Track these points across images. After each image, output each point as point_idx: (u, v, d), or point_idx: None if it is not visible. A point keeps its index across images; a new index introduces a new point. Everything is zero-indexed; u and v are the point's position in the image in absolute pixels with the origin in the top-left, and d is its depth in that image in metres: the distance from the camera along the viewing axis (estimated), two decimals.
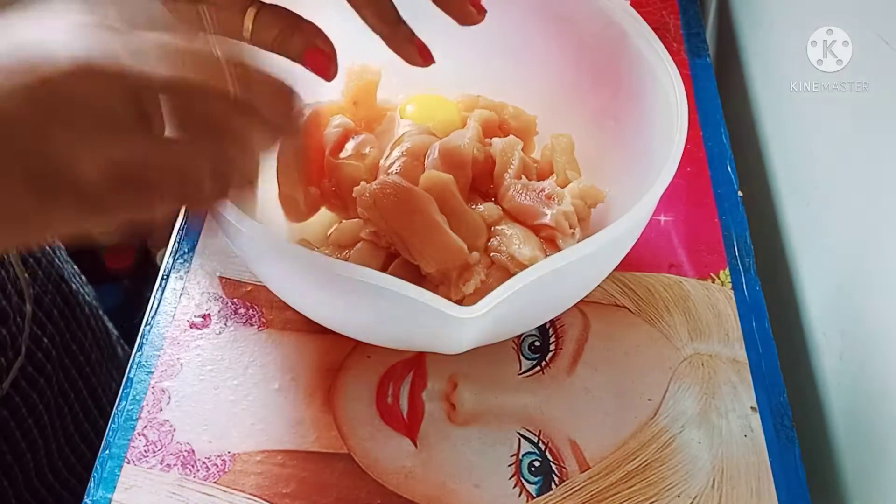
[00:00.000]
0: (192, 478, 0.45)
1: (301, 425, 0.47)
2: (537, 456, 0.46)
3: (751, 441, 0.46)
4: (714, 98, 0.64)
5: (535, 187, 0.47)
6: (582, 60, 0.51)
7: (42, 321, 0.59)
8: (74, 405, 0.62)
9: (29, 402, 0.56)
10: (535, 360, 0.49)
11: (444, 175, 0.45)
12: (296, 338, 0.50)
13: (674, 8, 0.72)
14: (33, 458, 0.57)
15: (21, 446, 0.56)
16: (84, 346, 0.64)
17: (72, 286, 0.65)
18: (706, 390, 0.48)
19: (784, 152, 0.61)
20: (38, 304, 0.58)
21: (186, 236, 0.56)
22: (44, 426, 0.58)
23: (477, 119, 0.50)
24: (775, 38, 0.63)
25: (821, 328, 0.52)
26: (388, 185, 0.44)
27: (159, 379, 0.49)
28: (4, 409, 0.54)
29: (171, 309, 0.52)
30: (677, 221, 0.56)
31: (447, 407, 0.48)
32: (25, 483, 0.57)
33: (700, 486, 0.44)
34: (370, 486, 0.44)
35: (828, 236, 0.52)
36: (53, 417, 0.59)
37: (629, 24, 0.46)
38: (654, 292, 0.53)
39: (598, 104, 0.51)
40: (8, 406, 0.54)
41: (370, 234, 0.45)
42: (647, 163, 0.45)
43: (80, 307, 0.65)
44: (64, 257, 0.66)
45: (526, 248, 0.44)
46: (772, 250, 0.60)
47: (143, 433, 0.46)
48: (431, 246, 0.43)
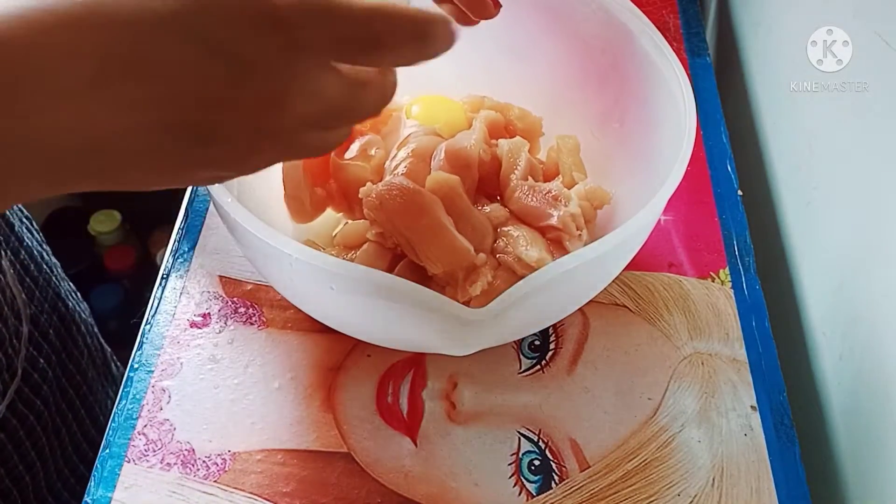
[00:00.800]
0: (192, 477, 0.45)
1: (301, 424, 0.47)
2: (537, 455, 0.46)
3: (751, 440, 0.46)
4: (714, 98, 0.65)
5: (541, 189, 0.47)
6: (588, 61, 0.51)
7: (38, 342, 0.57)
8: (73, 426, 0.61)
9: (26, 424, 0.55)
10: (535, 360, 0.49)
11: (451, 176, 0.45)
12: (296, 337, 0.50)
13: (674, 7, 0.72)
14: (31, 482, 0.56)
15: (19, 469, 0.55)
16: (81, 365, 0.63)
17: (68, 304, 0.63)
18: (706, 389, 0.48)
19: (784, 152, 0.61)
20: (35, 324, 0.57)
21: (186, 236, 0.56)
22: (41, 448, 0.57)
23: (483, 120, 0.50)
24: (775, 38, 0.63)
25: (821, 328, 0.52)
26: (394, 187, 0.44)
27: (159, 378, 0.49)
28: (1, 432, 0.53)
29: (171, 308, 0.52)
30: (677, 221, 0.56)
31: (447, 406, 0.48)
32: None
33: (700, 484, 0.44)
34: (370, 485, 0.44)
35: (828, 236, 0.52)
36: (51, 439, 0.58)
37: (635, 24, 0.46)
38: (654, 291, 0.53)
39: (603, 105, 0.51)
40: (5, 429, 0.53)
41: (376, 234, 0.45)
42: (653, 164, 0.45)
43: (77, 326, 0.64)
44: (60, 275, 0.65)
45: (533, 249, 0.44)
46: (772, 250, 0.60)
47: (144, 432, 0.46)
48: (438, 247, 0.43)
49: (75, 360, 0.62)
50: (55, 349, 0.59)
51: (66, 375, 0.61)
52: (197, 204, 0.58)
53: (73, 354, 0.62)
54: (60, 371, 0.60)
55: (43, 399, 0.56)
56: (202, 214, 0.57)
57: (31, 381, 0.55)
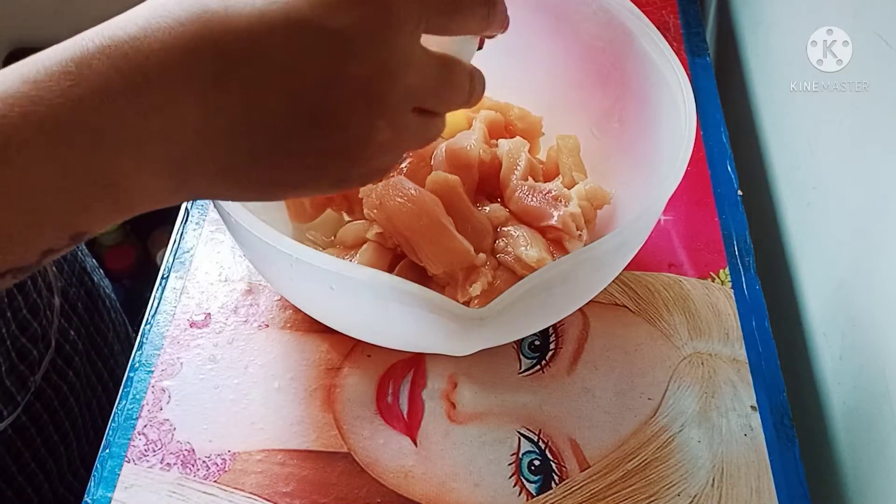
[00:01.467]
0: (192, 477, 0.45)
1: (301, 424, 0.47)
2: (537, 455, 0.46)
3: (751, 440, 0.46)
4: (714, 98, 0.65)
5: (541, 189, 0.47)
6: (587, 61, 0.51)
7: (69, 314, 0.59)
8: (102, 398, 0.63)
9: (60, 394, 0.56)
10: (535, 360, 0.49)
11: (451, 176, 0.45)
12: (296, 337, 0.50)
13: (674, 7, 0.72)
14: (66, 451, 0.58)
15: (54, 439, 0.56)
16: (108, 338, 0.65)
17: (94, 279, 0.65)
18: (706, 389, 0.48)
19: (784, 152, 0.61)
20: (65, 297, 0.59)
21: (186, 235, 0.56)
22: (74, 418, 0.58)
23: (483, 120, 0.50)
24: (775, 38, 0.63)
25: (821, 328, 0.52)
26: (394, 187, 0.44)
27: (159, 378, 0.49)
28: (38, 402, 0.54)
29: (171, 308, 0.52)
30: (677, 221, 0.56)
31: (447, 406, 0.48)
32: (59, 476, 0.58)
33: (700, 484, 0.44)
34: (370, 485, 0.44)
35: (828, 236, 0.52)
36: (83, 409, 0.60)
37: (635, 24, 0.46)
38: (654, 291, 0.53)
39: (603, 105, 0.51)
40: (41, 399, 0.55)
41: (376, 234, 0.45)
42: (652, 164, 0.45)
43: (102, 300, 0.66)
44: (85, 251, 0.67)
45: (533, 249, 0.44)
46: (772, 250, 0.60)
47: (144, 432, 0.46)
48: (437, 248, 0.43)
49: (102, 333, 0.64)
50: (84, 322, 0.61)
51: (95, 348, 0.62)
52: (197, 204, 0.58)
53: (101, 328, 0.64)
54: (89, 344, 0.61)
55: (75, 370, 0.58)
56: (202, 214, 0.57)
57: (63, 352, 0.57)
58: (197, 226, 0.56)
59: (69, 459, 0.58)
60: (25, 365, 0.52)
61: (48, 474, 0.56)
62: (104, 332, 0.64)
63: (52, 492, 0.57)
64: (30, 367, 0.52)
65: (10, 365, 0.50)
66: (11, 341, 0.50)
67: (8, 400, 0.51)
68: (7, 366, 0.50)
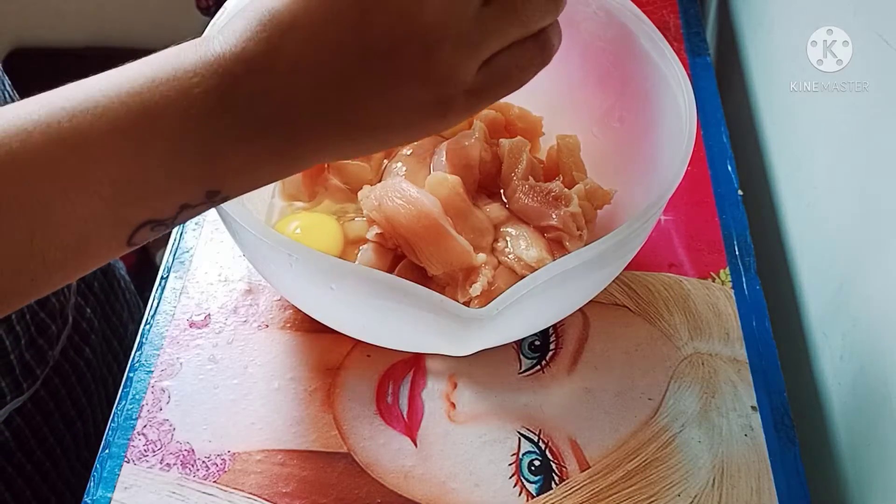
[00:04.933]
0: (191, 477, 0.45)
1: (301, 424, 0.47)
2: (537, 455, 0.45)
3: (751, 440, 0.46)
4: (714, 98, 0.65)
5: (542, 188, 0.47)
6: (587, 61, 0.51)
7: (85, 292, 0.60)
8: (118, 376, 0.63)
9: (77, 370, 0.57)
10: (536, 360, 0.49)
11: (451, 176, 0.45)
12: (295, 337, 0.50)
13: (674, 7, 0.72)
14: (83, 428, 0.59)
15: (71, 415, 0.57)
16: (122, 318, 0.66)
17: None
18: (706, 389, 0.48)
19: (784, 152, 0.61)
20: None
21: (186, 235, 0.56)
22: (91, 395, 0.59)
23: (483, 119, 0.50)
24: (775, 38, 0.63)
25: (821, 328, 0.52)
26: (392, 189, 0.44)
27: (159, 378, 0.48)
28: (56, 376, 0.55)
29: (170, 308, 0.52)
30: (677, 220, 0.56)
31: (447, 406, 0.47)
32: (77, 453, 0.58)
33: (700, 485, 0.44)
34: (370, 486, 0.44)
35: (828, 236, 0.52)
36: (98, 387, 0.60)
37: (635, 24, 0.46)
38: (655, 291, 0.53)
39: (604, 105, 0.51)
40: (59, 374, 0.56)
41: (377, 235, 0.45)
42: (653, 164, 0.45)
43: (118, 280, 0.67)
44: None
45: (533, 249, 0.44)
46: (772, 250, 0.60)
47: (143, 432, 0.46)
48: (436, 249, 0.43)
49: (117, 312, 0.65)
50: (99, 301, 0.62)
51: (111, 327, 0.63)
52: None
53: (115, 307, 0.65)
54: (105, 322, 0.63)
55: (91, 347, 0.59)
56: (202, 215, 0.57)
57: (80, 329, 0.58)
58: (197, 226, 0.56)
59: (85, 434, 0.59)
60: (44, 339, 0.53)
61: (65, 449, 0.57)
62: (119, 312, 0.66)
63: (69, 467, 0.58)
64: (48, 341, 0.53)
65: (30, 338, 0.51)
66: (31, 315, 0.51)
67: (27, 374, 0.52)
68: (27, 339, 0.51)
